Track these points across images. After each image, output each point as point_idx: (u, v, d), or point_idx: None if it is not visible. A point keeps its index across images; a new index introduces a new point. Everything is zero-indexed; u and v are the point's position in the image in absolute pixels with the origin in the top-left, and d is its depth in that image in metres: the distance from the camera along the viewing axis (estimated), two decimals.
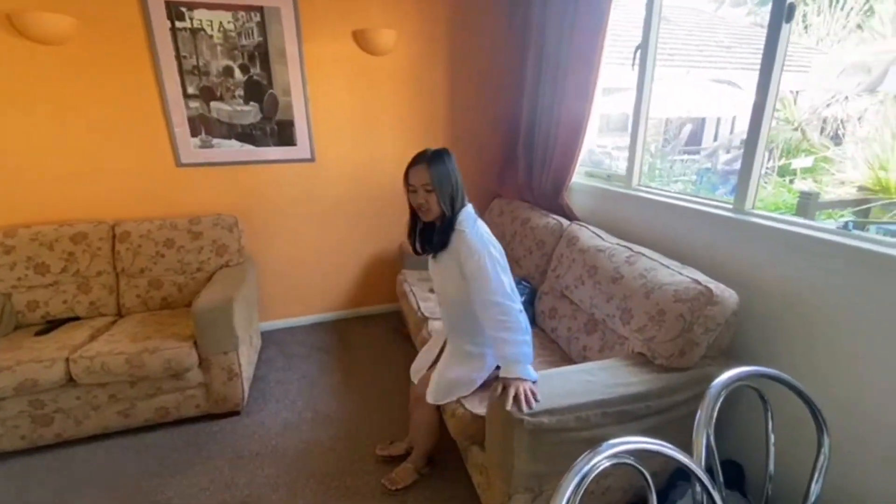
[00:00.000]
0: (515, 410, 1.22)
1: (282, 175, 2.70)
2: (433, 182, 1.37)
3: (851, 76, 1.85)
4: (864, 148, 3.57)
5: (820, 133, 4.36)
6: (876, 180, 3.24)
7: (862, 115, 3.76)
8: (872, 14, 4.68)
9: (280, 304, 2.94)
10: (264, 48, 2.45)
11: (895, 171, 3.18)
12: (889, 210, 2.97)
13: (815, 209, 3.10)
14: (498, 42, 2.83)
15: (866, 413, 1.24)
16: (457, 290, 1.46)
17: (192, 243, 2.38)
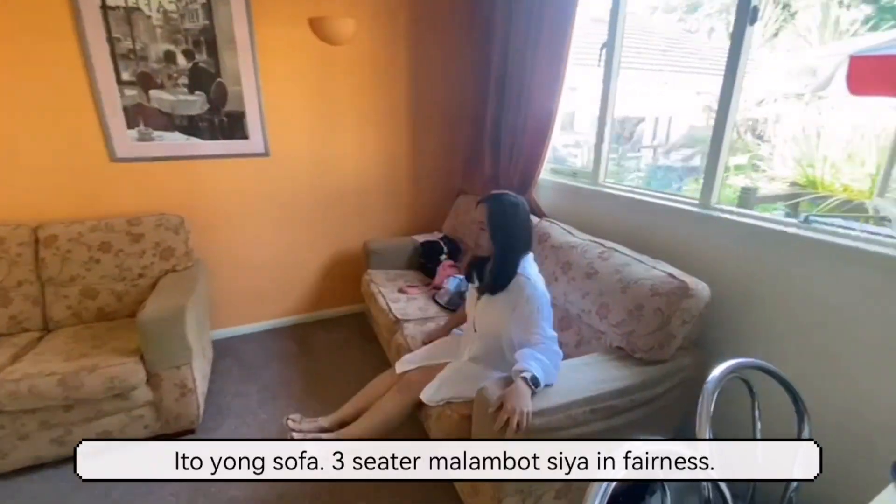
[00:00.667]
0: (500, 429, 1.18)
1: (233, 171, 2.50)
2: (487, 221, 1.46)
3: (797, 78, 1.99)
4: (791, 147, 3.89)
5: (752, 133, 4.71)
6: (804, 176, 3.54)
7: (788, 116, 4.09)
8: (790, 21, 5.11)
9: (234, 310, 2.74)
10: (211, 33, 2.25)
11: (820, 168, 3.48)
12: (817, 204, 3.26)
13: (755, 203, 3.36)
14: (461, 34, 2.78)
15: (828, 390, 1.32)
16: (503, 329, 1.50)
17: (132, 246, 2.15)
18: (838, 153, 3.49)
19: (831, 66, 1.73)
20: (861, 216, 2.90)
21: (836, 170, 3.47)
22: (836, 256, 1.27)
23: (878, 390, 1.22)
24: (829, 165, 3.50)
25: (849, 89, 1.63)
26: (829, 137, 3.55)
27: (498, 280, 1.47)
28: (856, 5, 6.34)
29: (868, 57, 1.58)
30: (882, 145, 3.18)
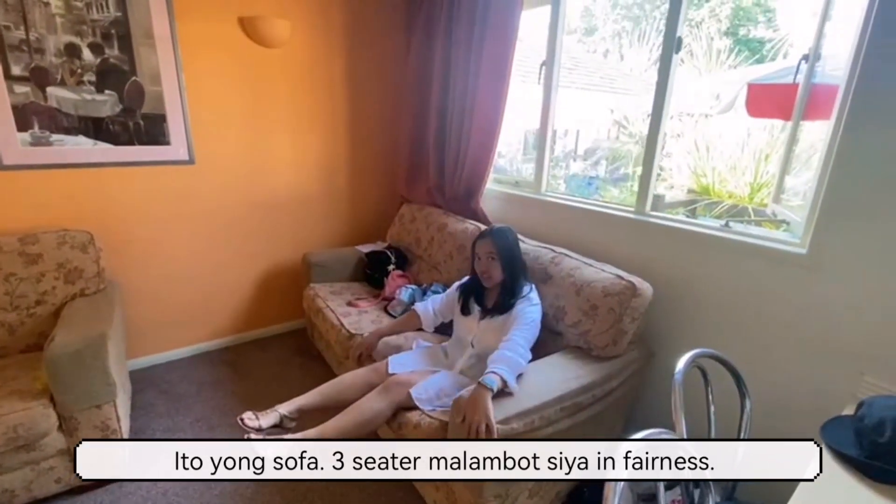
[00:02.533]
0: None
1: (152, 179, 2.24)
2: (497, 250, 1.62)
3: (705, 100, 2.29)
4: (686, 158, 4.43)
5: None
6: (699, 184, 4.05)
7: (682, 132, 4.67)
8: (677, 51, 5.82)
9: (154, 335, 2.44)
10: (124, 25, 2.01)
11: (710, 177, 4.01)
12: (711, 208, 3.75)
13: (662, 208, 3.77)
14: (400, 42, 2.78)
15: (757, 373, 1.52)
16: (495, 344, 1.54)
17: (26, 269, 1.83)
18: (723, 165, 4.06)
19: (733, 91, 2.03)
20: (745, 219, 3.39)
21: (723, 179, 4.03)
22: (749, 253, 1.48)
23: (791, 362, 1.43)
24: (717, 175, 4.05)
25: (748, 112, 1.92)
26: (715, 151, 4.11)
27: (508, 302, 1.60)
28: (719, 38, 7.43)
29: (762, 85, 1.88)
30: (757, 158, 3.76)
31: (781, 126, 3.47)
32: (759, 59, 6.01)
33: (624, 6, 9.19)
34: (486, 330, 1.65)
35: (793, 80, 1.63)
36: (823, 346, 1.34)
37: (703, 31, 4.33)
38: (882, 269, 1.19)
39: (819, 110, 1.54)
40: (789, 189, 1.94)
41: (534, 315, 1.57)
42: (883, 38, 1.13)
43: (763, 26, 7.47)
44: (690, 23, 7.61)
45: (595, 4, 9.60)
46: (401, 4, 2.73)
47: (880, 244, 1.19)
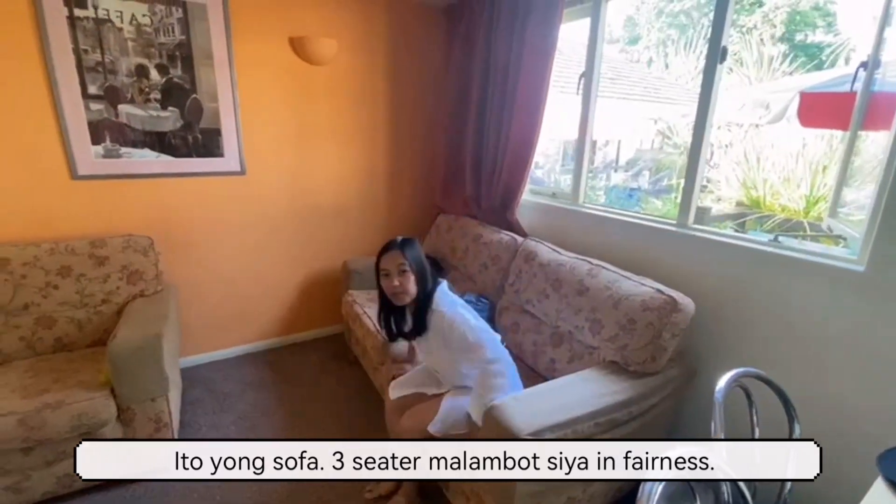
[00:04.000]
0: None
1: (207, 189, 2.40)
2: (408, 262, 1.45)
3: (752, 110, 2.20)
4: (735, 170, 4.25)
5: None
6: (749, 197, 3.87)
7: (731, 143, 4.49)
8: (722, 58, 5.59)
9: (205, 335, 2.59)
10: (187, 48, 2.18)
11: (761, 189, 3.82)
12: (762, 222, 3.57)
13: (708, 221, 3.62)
14: (439, 57, 2.85)
15: (811, 397, 1.44)
16: (448, 360, 1.56)
17: (95, 270, 2.00)
18: (776, 176, 3.86)
19: (784, 100, 1.94)
20: (799, 234, 3.20)
21: (775, 191, 3.83)
22: (800, 270, 1.41)
23: (851, 391, 1.34)
24: (769, 187, 3.86)
25: (800, 122, 1.83)
26: (767, 162, 3.92)
27: (422, 320, 1.50)
28: (772, 44, 7.09)
29: (815, 93, 1.79)
30: (813, 170, 3.56)
31: (841, 136, 3.28)
32: (817, 66, 5.69)
33: (670, 14, 8.96)
34: (430, 354, 1.61)
35: (850, 89, 1.54)
36: (884, 372, 1.25)
37: (753, 38, 4.15)
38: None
39: (879, 120, 1.45)
40: (850, 202, 1.82)
41: (460, 327, 1.44)
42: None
43: (822, 31, 7.07)
44: (741, 29, 7.32)
45: (639, 14, 9.43)
46: (441, 20, 2.81)
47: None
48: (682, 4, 8.72)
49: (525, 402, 1.33)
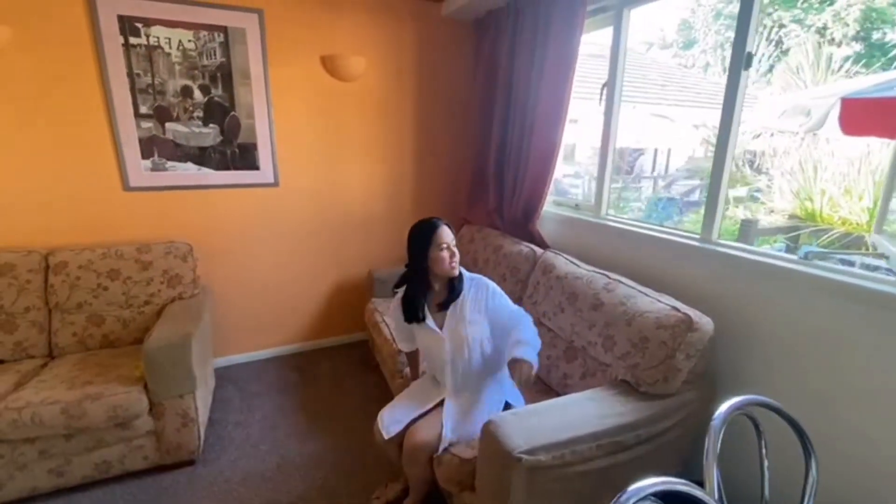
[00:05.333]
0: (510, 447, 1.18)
1: (243, 200, 2.55)
2: (455, 238, 1.58)
3: (792, 117, 2.06)
4: (789, 180, 3.96)
5: (750, 166, 4.80)
6: (803, 209, 3.59)
7: (786, 150, 4.19)
8: (783, 57, 5.23)
9: (236, 337, 2.74)
10: (227, 69, 2.34)
11: (818, 201, 3.54)
12: (817, 236, 3.30)
13: (755, 235, 3.40)
14: (465, 70, 2.89)
15: (839, 433, 1.31)
16: (478, 330, 1.55)
17: (140, 274, 2.18)
18: (835, 187, 3.56)
19: (825, 107, 1.79)
20: (861, 251, 2.93)
21: (834, 203, 3.53)
22: (835, 292, 1.29)
23: (882, 426, 1.21)
24: (827, 199, 3.56)
25: (842, 130, 1.68)
26: (825, 171, 3.62)
27: (459, 288, 1.57)
28: (847, 42, 6.56)
29: (859, 100, 1.64)
30: (878, 180, 3.25)
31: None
32: (888, 62, 5.20)
33: (729, 16, 8.53)
34: (457, 326, 1.55)
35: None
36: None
37: (809, 38, 3.87)
38: None
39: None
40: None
41: (500, 298, 1.59)
42: None
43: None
44: (808, 29, 6.82)
45: (694, 17, 9.06)
46: (468, 34, 2.84)
47: None
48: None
49: (524, 419, 1.30)
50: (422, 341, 1.66)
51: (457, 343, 1.56)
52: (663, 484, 0.76)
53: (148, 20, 2.15)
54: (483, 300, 1.57)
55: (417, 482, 1.54)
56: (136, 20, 2.13)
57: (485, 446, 1.29)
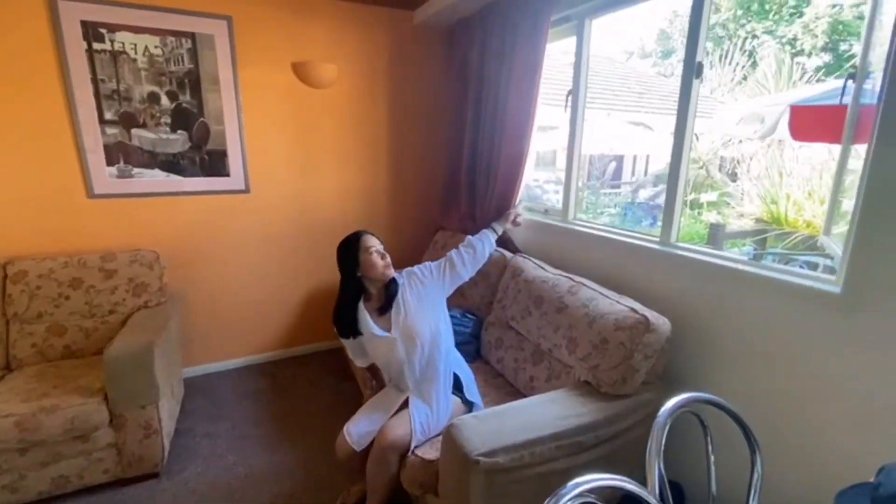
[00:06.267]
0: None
1: (213, 207, 2.53)
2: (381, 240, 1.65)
3: (749, 124, 2.13)
4: (757, 185, 4.08)
5: (719, 171, 4.93)
6: (769, 213, 3.70)
7: (753, 156, 4.32)
8: (755, 68, 5.42)
9: (207, 346, 2.70)
10: (195, 75, 2.33)
11: (783, 205, 3.65)
12: (783, 239, 3.40)
13: (724, 239, 3.49)
14: (438, 77, 2.92)
15: (788, 429, 1.35)
16: (428, 316, 1.59)
17: (104, 283, 2.13)
18: (799, 191, 3.67)
19: (776, 114, 1.87)
20: (816, 252, 3.02)
21: (799, 207, 3.64)
22: (781, 291, 1.34)
23: (825, 420, 1.25)
24: (792, 203, 3.67)
25: (792, 136, 1.75)
26: (790, 176, 3.74)
27: (395, 286, 1.61)
28: (816, 53, 6.79)
29: (806, 107, 1.72)
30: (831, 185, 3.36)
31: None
32: (844, 72, 5.42)
33: None
34: (398, 321, 1.57)
35: (839, 102, 1.48)
36: (860, 402, 1.16)
37: (773, 49, 4.02)
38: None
39: (868, 134, 1.38)
40: (843, 220, 1.71)
41: (424, 268, 1.70)
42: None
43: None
44: (780, 40, 7.04)
45: (672, 27, 9.31)
46: (440, 42, 2.88)
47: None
48: (719, 17, 8.57)
49: (485, 421, 1.31)
50: (375, 352, 1.65)
51: (408, 337, 1.57)
52: (600, 480, 0.77)
53: (112, 26, 2.13)
54: (417, 283, 1.64)
55: (381, 486, 1.53)
56: (101, 26, 2.10)
57: (446, 449, 1.30)
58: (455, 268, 1.73)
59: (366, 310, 1.61)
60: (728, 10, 8.16)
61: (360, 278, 1.60)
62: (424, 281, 1.66)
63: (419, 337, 1.56)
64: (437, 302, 1.67)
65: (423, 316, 1.59)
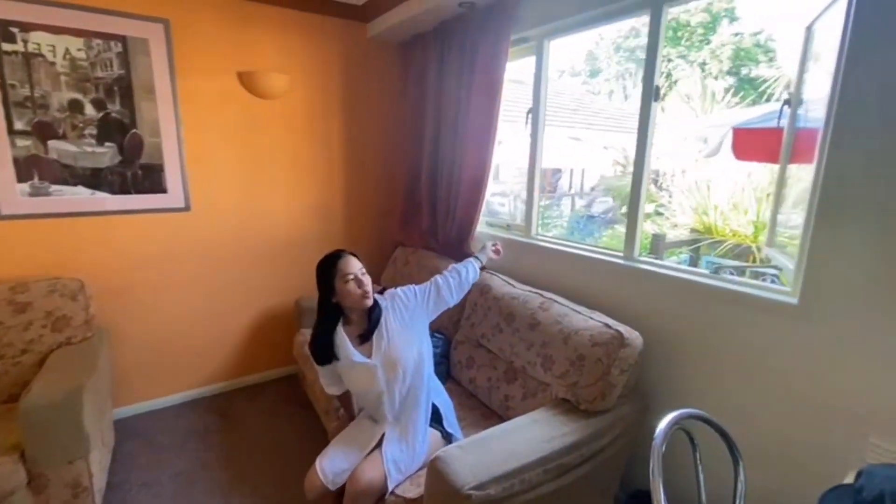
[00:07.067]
0: None
1: (148, 227, 2.28)
2: (363, 265, 1.50)
3: (693, 143, 2.29)
4: (688, 197, 4.41)
5: (655, 185, 5.28)
6: (701, 223, 4.00)
7: (683, 170, 4.67)
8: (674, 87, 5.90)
9: (144, 382, 2.41)
10: (127, 81, 2.10)
11: (713, 215, 3.97)
12: (714, 248, 3.69)
13: (664, 248, 3.72)
14: (394, 91, 2.87)
15: (757, 434, 1.43)
16: (411, 336, 1.51)
17: (14, 318, 1.84)
18: (726, 203, 4.02)
19: (719, 135, 2.03)
20: (760, 264, 3.31)
21: (726, 217, 3.98)
22: (740, 303, 1.42)
23: (791, 422, 1.34)
24: (720, 213, 4.01)
25: (735, 156, 1.91)
26: (718, 190, 4.09)
27: (378, 313, 1.51)
28: (722, 76, 7.56)
29: (747, 129, 1.88)
30: (758, 197, 3.72)
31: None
32: (765, 98, 6.09)
33: (626, 49, 9.49)
34: (380, 349, 1.47)
35: (777, 125, 1.62)
36: (824, 406, 1.25)
37: (697, 73, 4.43)
38: (880, 321, 1.13)
39: (804, 154, 1.51)
40: (783, 233, 1.87)
41: (408, 291, 1.60)
42: (855, 86, 1.12)
43: (765, 65, 7.63)
44: (692, 64, 7.76)
45: (598, 48, 9.94)
46: (396, 56, 2.84)
47: (874, 293, 1.13)
48: (638, 41, 9.31)
49: (470, 451, 1.26)
50: (351, 380, 1.54)
51: (390, 366, 1.48)
52: None
53: (26, 24, 1.87)
54: (401, 307, 1.56)
55: None
56: (11, 24, 1.84)
57: (432, 484, 1.23)
58: (441, 293, 1.64)
59: (345, 334, 1.50)
60: (647, 36, 8.92)
61: (338, 304, 1.49)
62: (409, 305, 1.57)
63: (401, 365, 1.47)
64: (421, 328, 1.59)
65: (407, 342, 1.51)
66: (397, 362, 1.47)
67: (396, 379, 1.48)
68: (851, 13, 1.11)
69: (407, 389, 1.51)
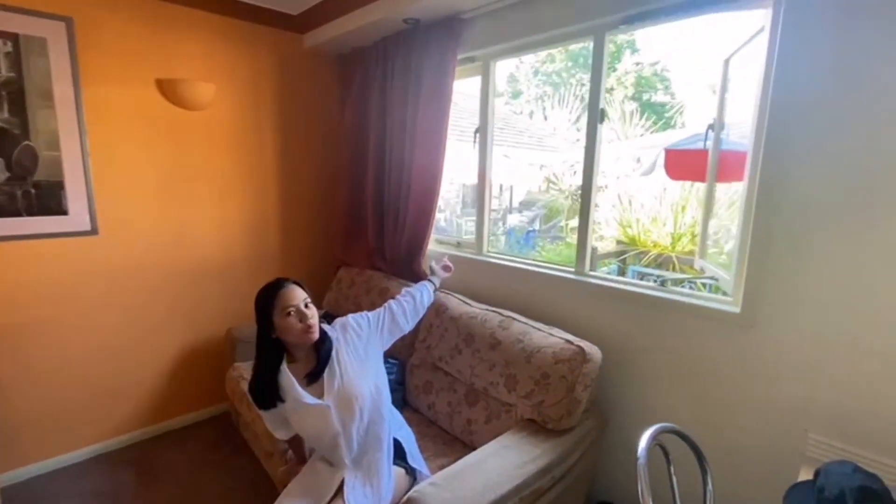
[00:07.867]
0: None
1: (45, 254, 1.95)
2: (309, 295, 1.35)
3: (626, 163, 2.46)
4: (612, 210, 4.72)
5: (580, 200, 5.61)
6: (626, 235, 4.30)
7: (606, 185, 5.01)
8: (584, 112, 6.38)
9: (38, 439, 2.03)
10: (18, 86, 1.80)
11: (636, 228, 4.27)
12: (639, 258, 3.96)
13: (596, 260, 3.92)
14: (333, 104, 2.76)
15: (710, 439, 1.51)
16: (369, 375, 1.39)
17: None
18: (646, 217, 4.36)
19: (652, 155, 2.19)
20: (696, 275, 3.60)
21: (646, 230, 4.31)
22: (687, 313, 1.51)
23: (739, 425, 1.43)
24: (641, 226, 4.33)
25: (667, 175, 2.07)
26: (638, 204, 4.43)
27: (328, 347, 1.35)
28: (627, 101, 8.32)
29: (677, 151, 2.05)
30: (675, 211, 4.08)
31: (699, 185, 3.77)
32: (665, 122, 6.77)
33: (544, 74, 10.12)
34: (332, 387, 1.33)
35: (703, 146, 1.76)
36: (767, 407, 1.35)
37: (615, 97, 4.84)
38: (813, 326, 1.24)
39: (730, 173, 1.67)
40: (717, 247, 2.01)
41: (360, 319, 1.49)
42: (780, 112, 1.24)
43: (662, 92, 8.54)
44: (608, 90, 8.49)
45: (518, 71, 10.48)
46: (334, 68, 2.74)
47: (809, 300, 1.25)
48: (554, 66, 9.97)
49: (444, 488, 1.19)
50: (301, 423, 1.37)
51: (345, 405, 1.33)
52: None
53: None
54: (353, 338, 1.42)
55: None
56: None
57: None
58: (396, 319, 1.56)
59: (290, 373, 1.35)
60: (561, 62, 9.67)
61: (279, 340, 1.33)
62: (361, 335, 1.45)
63: (358, 401, 1.33)
64: (375, 358, 1.47)
65: (363, 376, 1.38)
66: (353, 399, 1.33)
67: (353, 417, 1.33)
68: (776, 51, 1.24)
69: (365, 428, 1.37)
